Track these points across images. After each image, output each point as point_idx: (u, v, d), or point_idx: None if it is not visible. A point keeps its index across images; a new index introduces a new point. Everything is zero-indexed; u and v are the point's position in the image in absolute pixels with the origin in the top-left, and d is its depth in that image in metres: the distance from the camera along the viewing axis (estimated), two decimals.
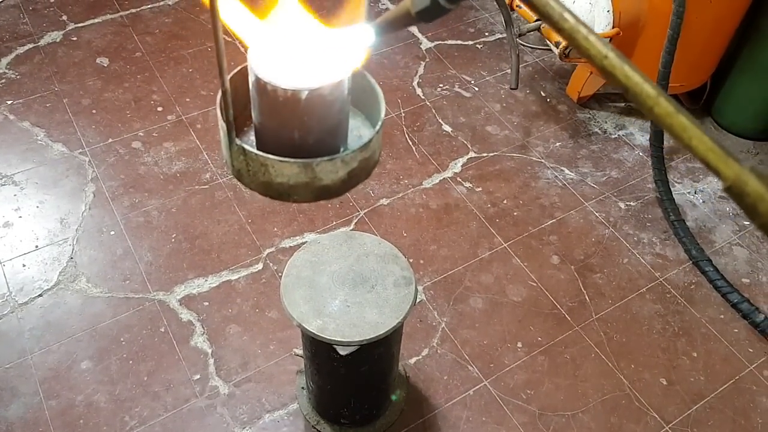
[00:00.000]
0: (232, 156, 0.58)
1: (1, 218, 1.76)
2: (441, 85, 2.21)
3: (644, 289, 1.72)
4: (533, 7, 0.40)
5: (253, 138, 0.64)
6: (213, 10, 0.46)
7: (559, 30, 0.39)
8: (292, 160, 0.55)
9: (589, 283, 1.72)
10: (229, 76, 0.55)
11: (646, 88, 0.37)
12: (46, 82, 2.10)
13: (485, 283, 1.70)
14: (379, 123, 0.60)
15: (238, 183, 0.60)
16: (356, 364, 1.20)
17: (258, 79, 0.55)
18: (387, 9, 2.46)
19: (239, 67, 0.61)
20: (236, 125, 0.59)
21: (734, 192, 0.36)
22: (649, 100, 0.37)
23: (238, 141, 0.56)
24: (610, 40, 1.87)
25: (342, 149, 0.61)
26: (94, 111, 2.04)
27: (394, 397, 1.41)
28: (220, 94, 0.58)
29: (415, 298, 1.14)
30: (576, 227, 1.84)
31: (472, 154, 2.00)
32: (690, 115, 0.37)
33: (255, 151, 0.56)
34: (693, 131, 0.37)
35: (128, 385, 1.47)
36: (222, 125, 0.58)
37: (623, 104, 2.19)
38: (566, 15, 0.39)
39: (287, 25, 0.57)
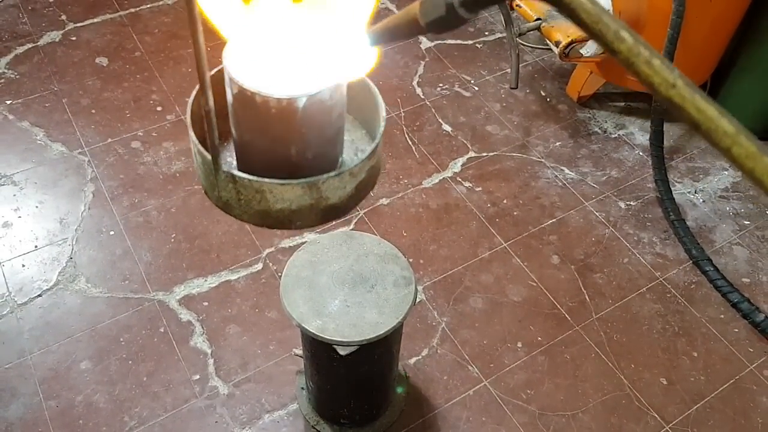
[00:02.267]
0: (219, 186, 0.48)
1: (0, 218, 1.76)
2: (441, 85, 2.20)
3: (644, 289, 1.72)
4: (582, 24, 0.33)
5: (230, 158, 0.55)
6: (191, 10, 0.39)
7: (614, 52, 0.33)
8: (295, 181, 0.46)
9: (589, 283, 1.72)
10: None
11: (722, 124, 0.32)
12: (45, 81, 2.10)
13: (485, 283, 1.70)
14: (382, 122, 0.52)
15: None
16: (356, 365, 1.20)
17: (242, 90, 0.46)
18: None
19: (212, 71, 0.51)
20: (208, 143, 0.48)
21: None
22: (726, 139, 0.32)
23: (225, 168, 0.48)
24: None
25: (340, 160, 0.54)
26: (93, 111, 2.03)
27: (400, 389, 1.41)
28: (189, 111, 0.49)
29: (415, 298, 1.14)
30: (576, 227, 1.84)
31: (471, 154, 2.00)
32: None
33: (248, 176, 0.47)
34: None
35: (128, 386, 1.47)
36: (199, 151, 0.48)
37: (623, 104, 2.19)
38: (623, 33, 0.32)
39: (266, 19, 0.48)
